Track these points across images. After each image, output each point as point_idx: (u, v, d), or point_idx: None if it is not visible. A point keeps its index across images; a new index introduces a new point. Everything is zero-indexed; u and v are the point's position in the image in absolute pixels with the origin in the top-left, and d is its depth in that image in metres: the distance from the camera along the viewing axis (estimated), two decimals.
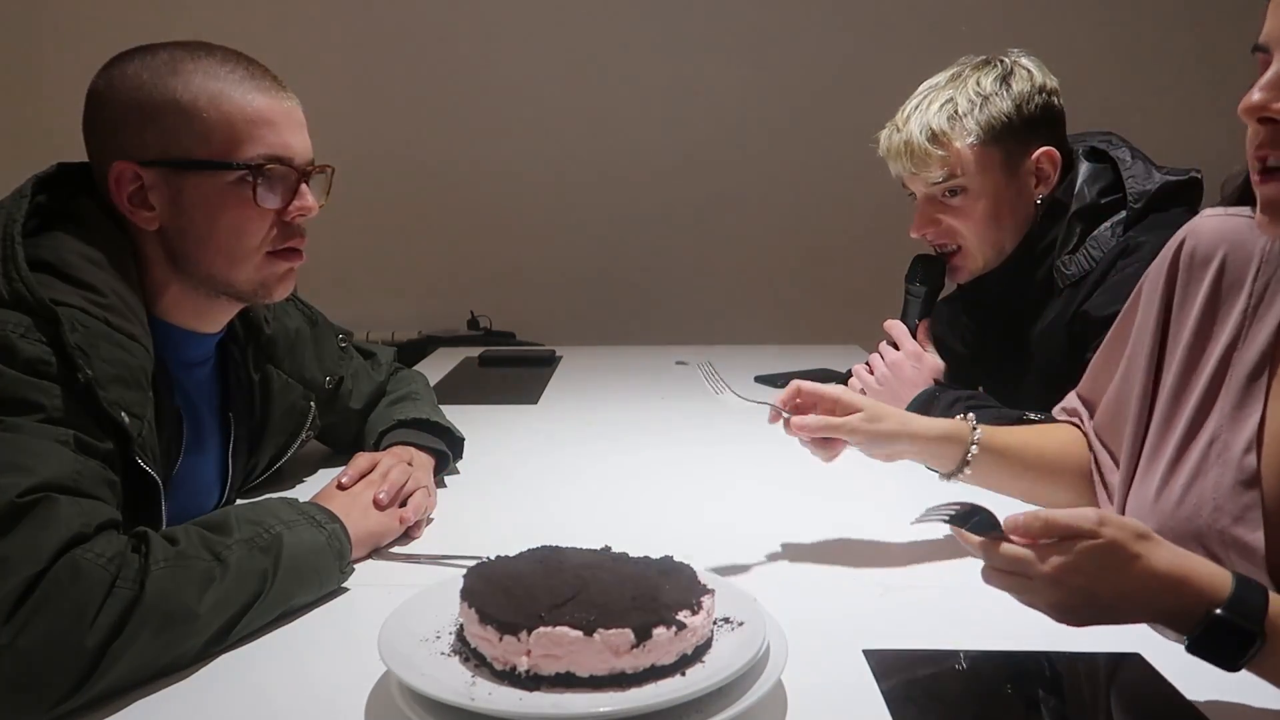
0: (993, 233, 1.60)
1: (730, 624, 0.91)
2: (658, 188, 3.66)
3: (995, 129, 1.55)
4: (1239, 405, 0.98)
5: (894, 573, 1.19)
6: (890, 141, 1.62)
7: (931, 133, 1.56)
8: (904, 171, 1.62)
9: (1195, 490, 1.00)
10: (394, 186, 3.58)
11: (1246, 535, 0.95)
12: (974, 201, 1.58)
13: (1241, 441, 0.97)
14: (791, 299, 3.61)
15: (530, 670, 0.81)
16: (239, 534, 1.01)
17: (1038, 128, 1.58)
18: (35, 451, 0.92)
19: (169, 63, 1.12)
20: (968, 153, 1.55)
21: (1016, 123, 1.56)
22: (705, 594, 0.87)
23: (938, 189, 1.59)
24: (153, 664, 0.91)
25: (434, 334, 3.45)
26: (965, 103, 1.56)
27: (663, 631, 0.81)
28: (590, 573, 0.89)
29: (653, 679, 0.81)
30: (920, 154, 1.57)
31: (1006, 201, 1.58)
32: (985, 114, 1.55)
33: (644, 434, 1.86)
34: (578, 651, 0.80)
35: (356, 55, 3.58)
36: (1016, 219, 1.60)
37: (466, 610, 0.86)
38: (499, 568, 0.91)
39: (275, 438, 1.42)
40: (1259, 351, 0.98)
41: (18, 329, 0.97)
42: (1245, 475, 0.96)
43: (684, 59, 3.62)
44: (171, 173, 1.12)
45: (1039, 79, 1.59)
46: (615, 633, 0.80)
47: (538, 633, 0.80)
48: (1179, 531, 1.00)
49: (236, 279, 1.18)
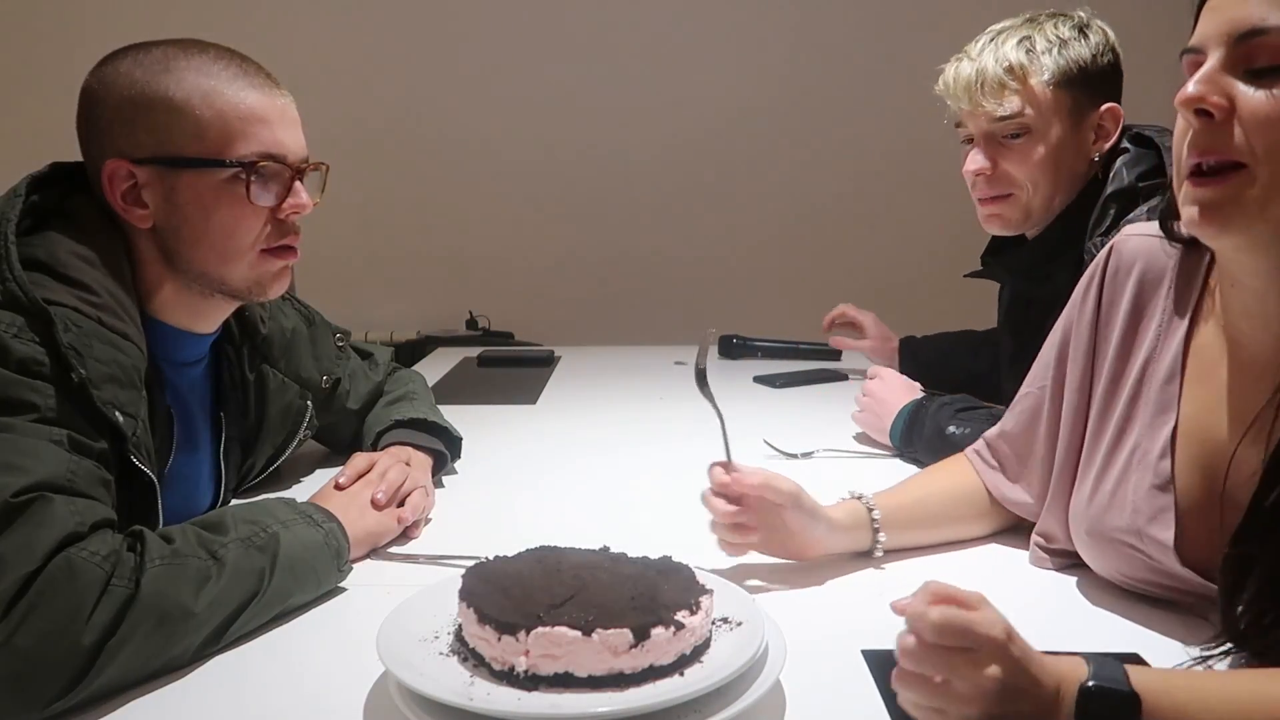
0: (1047, 183, 1.56)
1: (729, 624, 0.91)
2: (657, 188, 3.66)
3: (1070, 73, 1.53)
4: (1156, 414, 1.03)
5: (893, 573, 1.18)
6: (958, 72, 1.57)
7: (1009, 65, 1.52)
8: (967, 105, 1.57)
9: (1119, 495, 1.05)
10: (393, 186, 3.58)
11: (1160, 534, 1.00)
12: (1035, 145, 1.54)
13: (1157, 447, 1.02)
14: (791, 299, 3.60)
15: (529, 670, 0.81)
16: (236, 533, 1.01)
17: (1107, 82, 1.57)
18: (29, 451, 0.92)
19: (162, 60, 1.12)
20: (1041, 91, 1.52)
21: (1092, 72, 1.54)
22: (704, 594, 0.87)
23: (1001, 127, 1.55)
24: (149, 663, 0.91)
25: (432, 334, 3.45)
26: (1043, 43, 1.54)
27: (661, 632, 0.81)
28: (589, 573, 0.89)
29: (651, 679, 0.81)
30: (994, 85, 1.53)
31: (1067, 151, 1.55)
32: (1063, 57, 1.53)
33: (643, 434, 1.86)
34: (576, 651, 0.80)
35: (354, 53, 3.57)
36: (1073, 173, 1.57)
37: (465, 610, 0.85)
38: (497, 568, 0.91)
39: (272, 437, 1.41)
40: (1170, 362, 1.03)
41: (11, 329, 0.96)
42: (1160, 479, 1.01)
43: (684, 59, 3.61)
44: (165, 171, 1.12)
45: (1112, 38, 1.58)
46: (614, 633, 0.80)
47: (536, 633, 0.80)
48: (1107, 533, 1.05)
49: (230, 277, 1.17)
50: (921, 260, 3.27)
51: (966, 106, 1.57)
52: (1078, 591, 1.11)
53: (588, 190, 3.65)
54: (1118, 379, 1.09)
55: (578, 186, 3.66)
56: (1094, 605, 1.08)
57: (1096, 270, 1.13)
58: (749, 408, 2.02)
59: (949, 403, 1.56)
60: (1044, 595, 1.12)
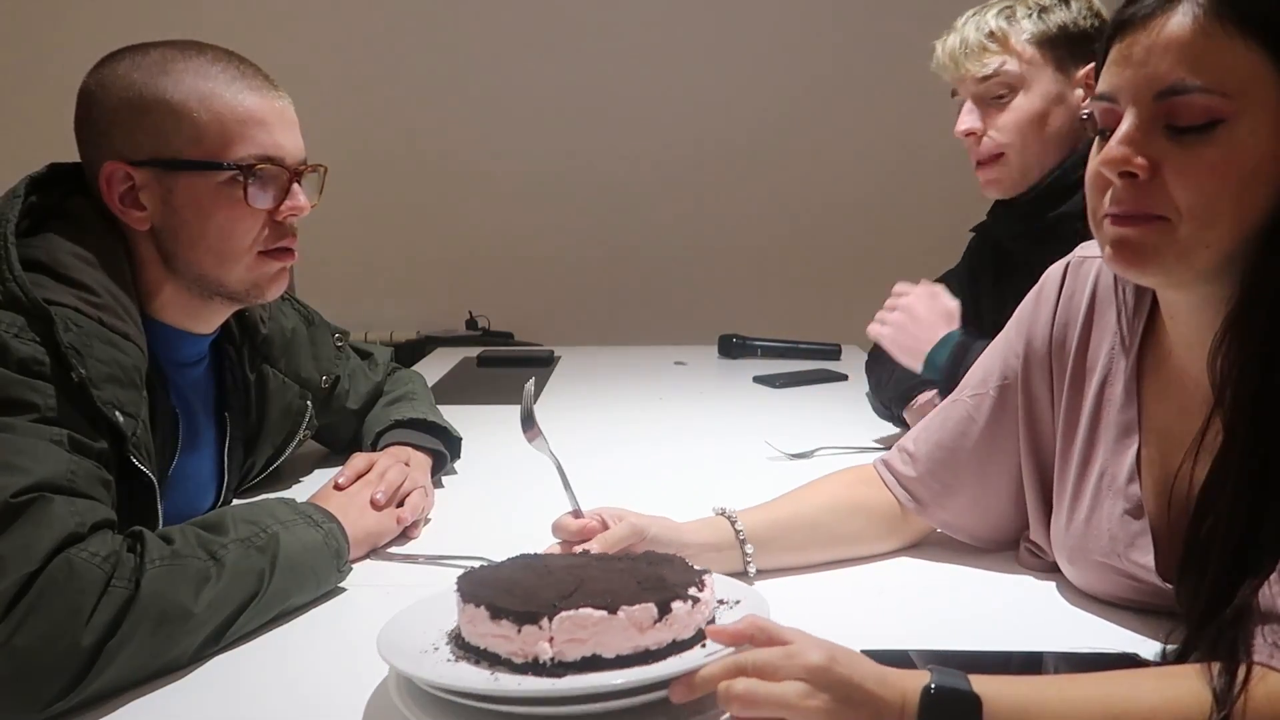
0: (1037, 140, 1.58)
1: (727, 604, 0.91)
2: (657, 188, 3.66)
3: (1050, 34, 1.56)
4: (1118, 437, 1.02)
5: (892, 573, 1.18)
6: (945, 45, 1.62)
7: (990, 31, 1.57)
8: (954, 71, 1.61)
9: (1094, 522, 1.04)
10: (392, 186, 3.58)
11: (1141, 558, 0.99)
12: (1021, 103, 1.57)
13: (1124, 472, 1.01)
14: (791, 299, 3.61)
15: (554, 658, 0.79)
16: (235, 533, 1.01)
17: (1090, 42, 1.58)
18: (29, 451, 0.92)
19: (160, 62, 1.12)
20: (1023, 49, 1.56)
21: (1073, 32, 1.57)
22: (704, 573, 0.87)
23: (986, 88, 1.58)
24: (149, 663, 0.91)
25: (432, 334, 3.46)
26: (1023, 9, 1.58)
27: (680, 605, 0.81)
28: (581, 571, 0.88)
29: (675, 653, 0.81)
30: (975, 48, 1.57)
31: (1054, 108, 1.58)
32: (1043, 20, 1.57)
33: (642, 434, 1.86)
34: (603, 631, 0.79)
35: (354, 53, 3.57)
36: (1061, 130, 1.58)
37: (473, 611, 0.83)
38: (488, 574, 0.89)
39: (272, 437, 1.41)
40: (1126, 383, 1.02)
41: (11, 329, 0.96)
42: (1131, 503, 1.00)
43: (684, 59, 3.61)
44: (163, 173, 1.12)
45: (1096, 3, 1.61)
46: (639, 608, 0.79)
47: (560, 617, 0.78)
48: (1089, 556, 1.04)
49: (228, 279, 1.17)
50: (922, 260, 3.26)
51: (954, 72, 1.61)
52: (1075, 592, 1.11)
53: (588, 190, 3.66)
54: (1076, 402, 1.08)
55: (578, 187, 3.66)
56: (1094, 605, 1.07)
57: (1051, 292, 1.12)
58: (749, 407, 2.02)
59: None
60: (1033, 595, 1.11)
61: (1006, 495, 1.16)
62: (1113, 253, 0.90)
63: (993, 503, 1.17)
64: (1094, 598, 1.07)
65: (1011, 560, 1.20)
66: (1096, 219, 0.92)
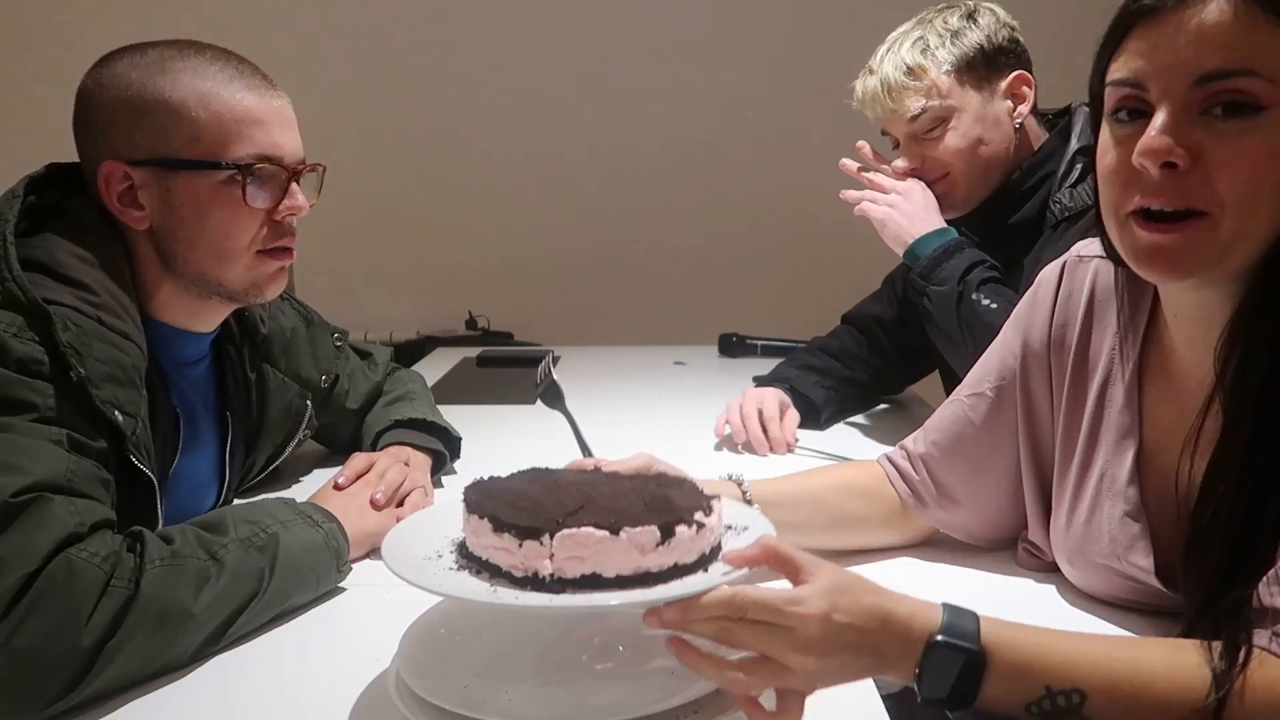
0: (977, 158, 1.61)
1: (734, 530, 0.90)
2: (656, 187, 3.66)
3: (968, 57, 1.59)
4: (1119, 438, 1.02)
5: (892, 572, 1.18)
6: (865, 86, 1.64)
7: (907, 68, 1.59)
8: (883, 114, 1.64)
9: (1094, 524, 1.03)
10: (392, 187, 3.57)
11: (1140, 560, 0.99)
12: (955, 129, 1.60)
13: (1124, 474, 1.01)
14: (792, 299, 3.61)
15: (554, 574, 0.79)
16: (235, 533, 1.01)
17: (1007, 55, 1.62)
18: (28, 451, 0.92)
19: (158, 62, 1.12)
20: (944, 80, 1.58)
21: (988, 50, 1.60)
22: (713, 498, 0.86)
23: (919, 124, 1.61)
24: (149, 664, 0.91)
25: (432, 334, 3.45)
26: (935, 38, 1.60)
27: (684, 529, 0.80)
28: (590, 488, 0.87)
29: (677, 577, 0.80)
30: (898, 89, 1.59)
31: (987, 125, 1.60)
32: (956, 45, 1.59)
33: (642, 434, 1.85)
34: (604, 551, 0.78)
35: (353, 53, 3.57)
36: (999, 143, 1.61)
37: (477, 523, 0.82)
38: (496, 485, 0.88)
39: (272, 437, 1.41)
40: (1127, 384, 1.02)
41: (10, 328, 0.96)
42: (1131, 506, 1.00)
43: (683, 57, 3.61)
44: (161, 172, 1.12)
45: (1003, 16, 1.64)
46: (641, 530, 0.79)
47: (561, 535, 0.78)
48: (1089, 559, 1.04)
49: (227, 278, 1.17)
50: None
51: (882, 115, 1.64)
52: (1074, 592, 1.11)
53: (587, 190, 3.65)
54: (1077, 403, 1.07)
55: (577, 186, 3.65)
56: (1094, 606, 1.07)
57: (1048, 292, 1.11)
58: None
59: (983, 262, 1.55)
60: (1033, 595, 1.11)
61: (1004, 495, 1.16)
62: (1149, 260, 0.87)
63: (990, 502, 1.17)
64: (1094, 598, 1.07)
65: (1011, 560, 1.20)
66: (1119, 215, 0.89)
